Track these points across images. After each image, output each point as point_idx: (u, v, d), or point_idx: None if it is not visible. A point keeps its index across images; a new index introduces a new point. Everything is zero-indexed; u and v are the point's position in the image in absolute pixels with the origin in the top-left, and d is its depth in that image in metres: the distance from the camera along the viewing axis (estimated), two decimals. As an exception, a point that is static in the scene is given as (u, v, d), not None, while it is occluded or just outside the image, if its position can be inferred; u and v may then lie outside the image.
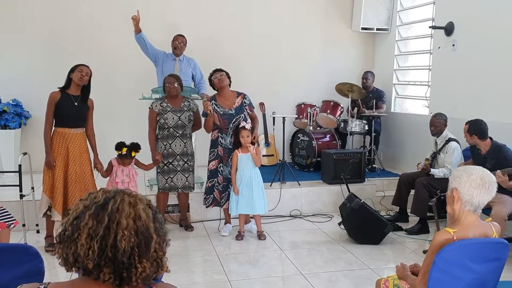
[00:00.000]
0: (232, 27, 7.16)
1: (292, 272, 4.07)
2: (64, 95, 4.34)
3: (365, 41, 7.80)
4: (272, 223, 5.40)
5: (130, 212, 1.25)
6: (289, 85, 7.42)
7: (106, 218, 1.22)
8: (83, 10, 6.67)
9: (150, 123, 4.91)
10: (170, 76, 4.95)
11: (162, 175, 4.92)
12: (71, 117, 4.35)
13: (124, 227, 1.22)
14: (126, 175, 4.62)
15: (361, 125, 6.58)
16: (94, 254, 1.21)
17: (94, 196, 1.28)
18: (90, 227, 1.22)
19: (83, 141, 4.46)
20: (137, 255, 1.23)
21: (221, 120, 4.86)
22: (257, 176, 4.80)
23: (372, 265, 4.21)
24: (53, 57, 6.46)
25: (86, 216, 1.23)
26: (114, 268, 1.22)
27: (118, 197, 1.27)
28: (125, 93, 6.67)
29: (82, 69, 4.34)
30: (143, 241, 1.25)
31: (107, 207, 1.24)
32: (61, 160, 4.34)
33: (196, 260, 4.37)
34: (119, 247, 1.21)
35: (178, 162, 4.91)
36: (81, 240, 1.21)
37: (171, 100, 4.88)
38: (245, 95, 5.00)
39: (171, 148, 4.88)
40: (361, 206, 4.74)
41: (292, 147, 7.08)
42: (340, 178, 5.66)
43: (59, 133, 4.36)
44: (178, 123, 4.85)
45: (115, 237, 1.21)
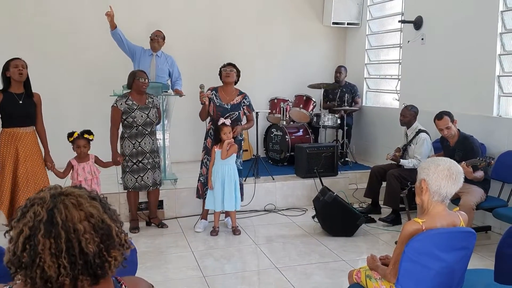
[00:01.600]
0: (203, 23, 7.13)
1: (267, 266, 4.10)
2: (7, 94, 4.18)
3: (336, 35, 7.87)
4: (247, 217, 5.42)
5: (80, 214, 1.20)
6: (261, 80, 7.43)
7: (62, 232, 1.17)
8: (52, 4, 6.51)
9: (114, 122, 4.73)
10: (142, 71, 4.86)
11: (131, 174, 4.82)
12: (17, 116, 4.21)
13: (83, 232, 1.19)
14: (88, 172, 4.47)
15: (334, 119, 6.65)
16: (67, 270, 1.17)
17: (33, 212, 1.20)
18: (50, 247, 1.16)
19: (34, 139, 4.33)
20: (105, 250, 1.22)
21: (215, 111, 4.86)
22: (230, 172, 4.79)
23: (345, 257, 4.28)
24: (20, 52, 6.31)
25: (40, 238, 1.16)
26: (89, 272, 1.20)
27: (59, 205, 1.20)
28: (94, 89, 6.56)
29: (17, 64, 4.17)
30: (104, 235, 1.22)
31: (56, 221, 1.18)
32: (10, 161, 4.20)
33: (171, 257, 4.35)
34: (87, 252, 1.19)
35: (148, 160, 4.84)
36: (46, 263, 1.16)
37: (137, 97, 4.75)
38: (246, 96, 5.00)
39: (140, 146, 4.79)
40: (334, 199, 4.80)
41: (266, 142, 7.11)
42: (314, 172, 5.72)
43: (7, 133, 4.22)
44: (147, 120, 4.76)
45: (79, 245, 1.18)
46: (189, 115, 6.49)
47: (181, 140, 6.76)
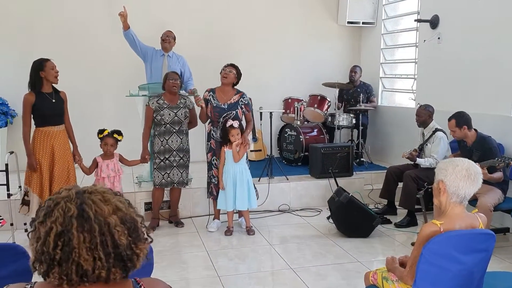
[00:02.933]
0: (217, 24, 7.14)
1: (281, 267, 4.08)
2: (39, 95, 4.26)
3: (351, 35, 7.82)
4: (261, 218, 5.41)
5: (109, 209, 1.24)
6: (276, 80, 7.42)
7: (95, 226, 1.20)
8: (67, 6, 6.59)
9: (146, 121, 4.91)
10: (173, 73, 4.96)
11: (158, 171, 4.91)
12: (51, 115, 4.32)
13: (114, 225, 1.22)
14: (112, 169, 4.59)
15: (349, 118, 6.61)
16: (103, 262, 1.20)
17: (62, 209, 1.21)
18: (84, 240, 1.19)
19: (66, 137, 4.46)
20: (133, 243, 1.25)
21: (213, 112, 4.88)
22: (242, 172, 4.80)
23: (361, 258, 4.25)
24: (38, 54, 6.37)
25: (74, 232, 1.19)
26: (121, 264, 1.23)
27: (88, 200, 1.23)
28: (112, 90, 6.61)
29: (53, 66, 4.27)
30: (132, 228, 1.26)
31: (88, 215, 1.21)
32: (47, 159, 4.32)
33: (186, 256, 4.37)
34: (120, 244, 1.22)
35: (174, 158, 4.92)
36: (82, 256, 1.18)
37: (169, 97, 4.88)
38: (244, 95, 5.00)
39: (167, 144, 4.88)
40: (349, 199, 4.77)
41: (280, 142, 7.10)
42: (328, 172, 5.69)
43: (43, 132, 4.32)
44: (175, 119, 4.86)
45: (112, 237, 1.21)
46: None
47: (194, 141, 6.77)
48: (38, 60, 4.29)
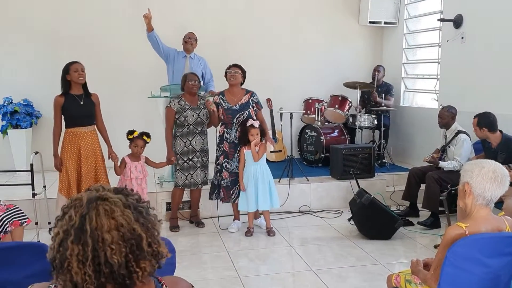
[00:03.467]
0: (238, 24, 7.15)
1: (302, 268, 4.07)
2: (68, 96, 4.38)
3: (373, 35, 7.76)
4: (281, 219, 5.40)
5: (110, 223, 1.20)
6: (296, 81, 7.40)
7: (89, 240, 1.18)
8: (89, 9, 6.69)
9: (168, 122, 4.92)
10: (192, 74, 5.00)
11: (181, 172, 4.93)
12: (79, 116, 4.41)
13: (110, 242, 1.18)
14: (139, 171, 4.68)
15: (370, 119, 6.55)
16: (92, 278, 1.18)
17: (69, 216, 1.22)
18: (77, 253, 1.18)
19: (95, 138, 4.53)
20: (133, 261, 1.21)
21: (225, 115, 4.90)
22: (263, 172, 4.79)
23: (383, 260, 4.20)
24: (62, 57, 6.48)
25: (69, 244, 1.18)
26: (115, 281, 1.20)
27: (92, 212, 1.21)
28: (134, 91, 6.68)
29: (77, 68, 4.36)
30: (134, 246, 1.21)
31: (86, 228, 1.19)
32: (74, 159, 4.41)
33: (207, 256, 4.38)
34: (112, 263, 1.18)
35: (198, 159, 4.95)
36: (74, 268, 1.18)
37: (189, 98, 4.91)
38: (253, 94, 5.01)
39: (191, 145, 4.91)
40: (371, 201, 4.72)
41: (300, 143, 7.07)
42: (349, 173, 5.64)
43: (71, 133, 4.43)
44: (198, 120, 4.89)
45: (105, 255, 1.18)
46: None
47: (212, 141, 6.80)
48: (66, 63, 4.41)
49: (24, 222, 3.79)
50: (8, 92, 6.34)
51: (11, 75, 6.53)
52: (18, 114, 6.17)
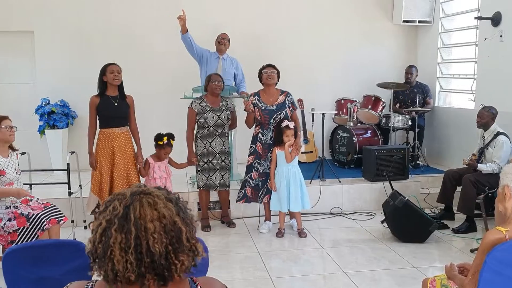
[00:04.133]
0: (270, 24, 7.14)
1: (334, 271, 4.03)
2: (103, 97, 4.47)
3: (406, 34, 7.62)
4: (313, 220, 5.36)
5: (153, 214, 1.24)
6: (328, 81, 7.34)
7: (132, 229, 1.21)
8: (123, 11, 6.81)
9: (189, 123, 4.94)
10: (216, 75, 5.01)
11: (202, 173, 4.96)
12: (113, 117, 4.49)
13: (152, 232, 1.22)
14: (163, 171, 4.74)
15: (404, 120, 6.44)
16: (133, 266, 1.20)
17: (113, 207, 1.25)
18: (120, 241, 1.21)
19: (128, 139, 4.60)
20: (172, 253, 1.24)
21: (262, 116, 4.88)
22: (295, 173, 4.77)
23: (416, 264, 4.12)
24: (97, 58, 6.62)
25: (112, 232, 1.22)
26: (155, 272, 1.23)
27: (136, 202, 1.25)
28: (166, 92, 6.76)
29: (113, 70, 4.45)
30: (174, 238, 1.24)
31: (130, 217, 1.22)
32: (107, 159, 4.49)
33: (238, 257, 4.39)
34: (154, 252, 1.21)
35: (217, 161, 4.96)
36: (116, 256, 1.20)
37: (211, 99, 4.91)
38: (289, 94, 4.98)
39: (211, 146, 4.92)
40: (405, 203, 4.64)
41: (332, 144, 7.01)
42: (383, 175, 5.56)
43: (104, 133, 4.52)
44: (218, 122, 4.89)
45: (147, 243, 1.21)
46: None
47: (246, 142, 6.80)
48: (104, 65, 4.52)
49: (60, 220, 3.89)
50: (45, 93, 6.52)
51: (49, 76, 6.71)
52: (55, 115, 6.33)
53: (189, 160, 4.94)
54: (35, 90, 6.67)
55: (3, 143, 3.81)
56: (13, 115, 4.07)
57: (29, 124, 6.34)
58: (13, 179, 3.80)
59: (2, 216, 3.66)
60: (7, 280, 2.25)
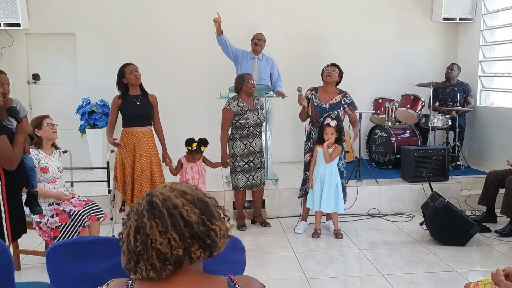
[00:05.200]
0: (306, 24, 7.11)
1: (371, 273, 3.97)
2: (126, 97, 4.49)
3: (446, 31, 7.44)
4: (349, 221, 5.30)
5: (176, 194, 1.31)
6: (365, 80, 7.23)
7: (163, 210, 1.27)
8: (160, 12, 6.91)
9: (225, 124, 4.90)
10: (248, 74, 5.02)
11: (242, 173, 4.94)
12: (135, 116, 4.50)
13: (181, 205, 1.28)
14: (196, 171, 4.69)
15: (444, 120, 6.28)
16: (177, 241, 1.25)
17: (136, 208, 1.32)
18: (156, 225, 1.26)
19: (150, 138, 4.59)
20: (207, 220, 1.30)
21: (313, 112, 4.86)
22: (331, 174, 4.69)
23: (457, 267, 4.01)
24: (135, 57, 6.74)
25: (146, 222, 1.27)
26: (199, 242, 1.28)
27: (155, 193, 1.32)
28: (202, 92, 6.82)
29: (132, 70, 4.47)
30: (203, 207, 1.31)
31: (156, 204, 1.28)
32: (129, 158, 4.50)
33: (273, 256, 4.39)
34: (191, 221, 1.27)
35: (258, 160, 4.97)
36: (157, 241, 1.25)
37: (246, 99, 4.90)
38: (347, 94, 4.93)
39: (251, 146, 4.92)
40: (445, 205, 4.52)
41: (369, 144, 6.91)
42: (422, 176, 5.44)
43: (126, 132, 4.53)
44: (257, 121, 4.90)
45: (181, 217, 1.27)
46: (289, 116, 6.49)
47: (281, 141, 6.80)
48: (120, 66, 4.55)
49: (100, 217, 3.99)
50: (86, 93, 6.70)
51: (89, 76, 6.88)
52: (95, 114, 6.49)
53: (224, 162, 4.89)
54: (77, 90, 6.86)
55: (46, 141, 3.93)
56: (55, 115, 4.20)
57: (71, 123, 6.52)
58: (55, 176, 3.92)
59: (45, 213, 3.77)
60: (50, 275, 2.31)
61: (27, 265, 4.12)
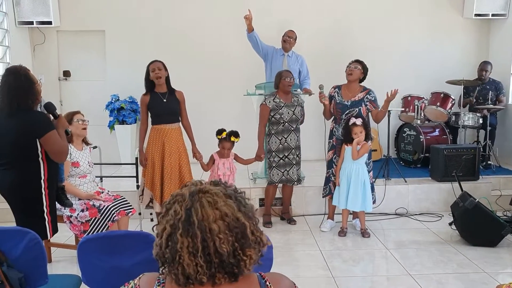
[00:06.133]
0: (336, 20, 7.05)
1: (398, 272, 3.92)
2: (153, 95, 4.53)
3: (478, 28, 7.27)
4: (376, 221, 5.24)
5: (215, 213, 1.24)
6: (393, 77, 7.10)
7: (198, 232, 1.22)
8: (189, 9, 6.95)
9: (262, 119, 4.95)
10: (287, 71, 5.03)
11: (277, 169, 4.96)
12: (163, 113, 4.53)
13: (217, 232, 1.22)
14: (227, 168, 4.73)
15: (475, 118, 6.14)
16: (203, 268, 1.22)
17: (174, 211, 1.26)
18: (187, 245, 1.22)
19: (179, 135, 4.62)
20: (239, 249, 1.24)
21: (335, 109, 4.84)
22: (358, 172, 4.65)
23: (487, 269, 3.93)
24: (164, 55, 6.81)
25: (178, 237, 1.23)
26: (225, 270, 1.24)
27: (196, 204, 1.25)
28: (229, 89, 6.84)
29: (153, 68, 4.50)
30: (239, 234, 1.24)
31: (193, 220, 1.23)
32: (158, 155, 4.53)
33: (299, 254, 4.38)
34: (222, 252, 1.22)
35: (293, 156, 4.98)
36: (185, 260, 1.22)
37: (283, 95, 4.92)
38: (370, 91, 4.86)
39: (286, 142, 4.94)
40: (475, 205, 4.43)
41: (397, 142, 6.81)
42: (452, 175, 5.33)
43: (155, 129, 4.57)
44: (293, 117, 4.91)
45: (214, 245, 1.22)
46: (314, 114, 6.43)
47: (306, 139, 6.76)
48: (148, 64, 4.58)
49: (129, 212, 4.05)
50: (115, 89, 6.79)
51: (118, 73, 6.98)
52: (124, 111, 6.58)
53: (258, 155, 4.96)
54: (106, 87, 6.95)
55: (76, 136, 4.01)
56: (85, 111, 4.27)
57: (100, 120, 6.62)
58: (86, 171, 4.00)
59: (76, 207, 3.85)
60: (81, 267, 2.36)
61: (58, 258, 4.22)
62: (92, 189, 4.03)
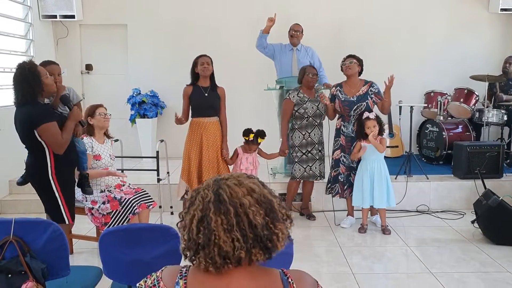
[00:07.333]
0: (354, 13, 6.99)
1: (419, 270, 3.88)
2: (195, 88, 4.61)
3: (504, 23, 7.12)
4: (397, 218, 5.19)
5: (243, 191, 1.28)
6: (417, 72, 7.04)
7: (230, 208, 1.25)
8: (210, 6, 6.97)
9: (285, 114, 4.95)
10: (310, 67, 5.01)
11: (300, 164, 4.95)
12: (202, 107, 4.61)
13: (248, 205, 1.26)
14: (250, 163, 4.76)
15: (499, 115, 6.02)
16: (240, 242, 1.24)
17: (201, 196, 1.29)
18: (221, 222, 1.24)
19: (217, 129, 4.68)
20: (270, 223, 1.27)
21: (342, 107, 4.79)
22: (380, 168, 4.61)
23: (511, 268, 3.85)
24: (185, 50, 6.83)
25: (211, 216, 1.24)
26: (260, 245, 1.26)
27: (223, 185, 1.29)
28: (249, 84, 6.83)
29: (203, 61, 4.55)
30: (268, 208, 1.28)
31: (223, 198, 1.26)
32: (196, 148, 4.61)
33: (319, 250, 4.36)
34: (255, 224, 1.25)
35: (316, 151, 4.96)
36: (221, 238, 1.23)
37: (307, 91, 4.91)
38: (373, 84, 4.83)
39: (310, 137, 4.92)
40: (499, 203, 4.35)
41: (420, 138, 6.73)
42: (475, 173, 5.24)
43: (195, 122, 4.66)
44: (316, 112, 4.88)
45: (247, 217, 1.25)
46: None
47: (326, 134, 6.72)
48: (196, 57, 4.65)
49: (150, 205, 4.08)
50: (137, 83, 6.85)
51: (140, 67, 7.04)
52: (145, 105, 6.63)
53: (282, 150, 4.96)
54: (127, 81, 7.03)
55: (98, 129, 4.05)
56: (107, 104, 4.30)
57: (122, 113, 6.70)
58: (107, 164, 4.04)
59: (97, 199, 3.90)
60: (103, 259, 2.39)
61: (79, 249, 4.28)
62: (113, 182, 4.07)
